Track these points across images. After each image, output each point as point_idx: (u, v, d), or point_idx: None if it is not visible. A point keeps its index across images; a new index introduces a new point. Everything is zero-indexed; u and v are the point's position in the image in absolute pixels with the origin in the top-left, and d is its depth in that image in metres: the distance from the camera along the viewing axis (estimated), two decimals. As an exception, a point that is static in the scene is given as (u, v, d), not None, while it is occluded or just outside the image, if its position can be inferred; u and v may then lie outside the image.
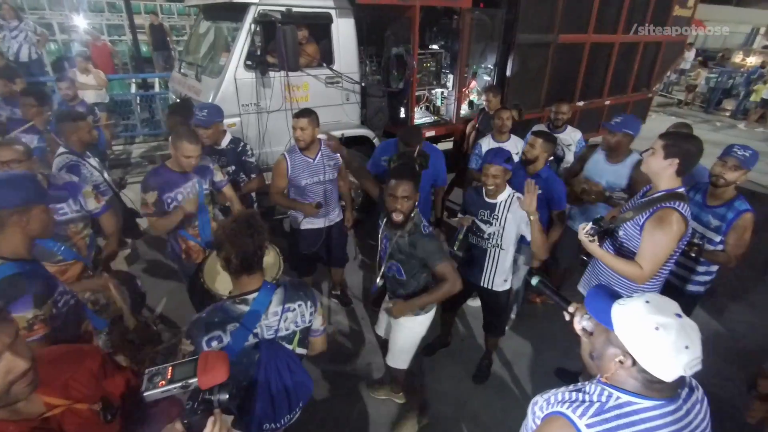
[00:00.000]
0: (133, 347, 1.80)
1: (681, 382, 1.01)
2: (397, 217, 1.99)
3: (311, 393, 1.57)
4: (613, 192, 2.89)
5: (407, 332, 2.25)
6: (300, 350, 1.56)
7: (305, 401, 1.56)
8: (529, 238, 2.39)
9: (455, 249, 2.57)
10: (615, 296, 1.08)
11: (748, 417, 1.92)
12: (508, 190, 2.44)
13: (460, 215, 2.68)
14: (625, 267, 1.95)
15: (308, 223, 3.01)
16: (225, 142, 3.03)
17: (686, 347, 0.90)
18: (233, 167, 3.06)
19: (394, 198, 1.96)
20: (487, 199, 2.47)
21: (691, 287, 2.52)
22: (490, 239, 2.49)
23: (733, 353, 3.19)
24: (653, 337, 0.92)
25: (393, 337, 2.31)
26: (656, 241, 1.87)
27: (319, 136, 2.81)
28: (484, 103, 4.23)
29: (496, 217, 2.43)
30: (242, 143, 3.07)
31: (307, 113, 2.74)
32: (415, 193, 1.97)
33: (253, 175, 3.12)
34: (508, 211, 2.40)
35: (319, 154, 2.87)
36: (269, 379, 1.39)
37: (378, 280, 2.29)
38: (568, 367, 2.97)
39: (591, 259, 2.35)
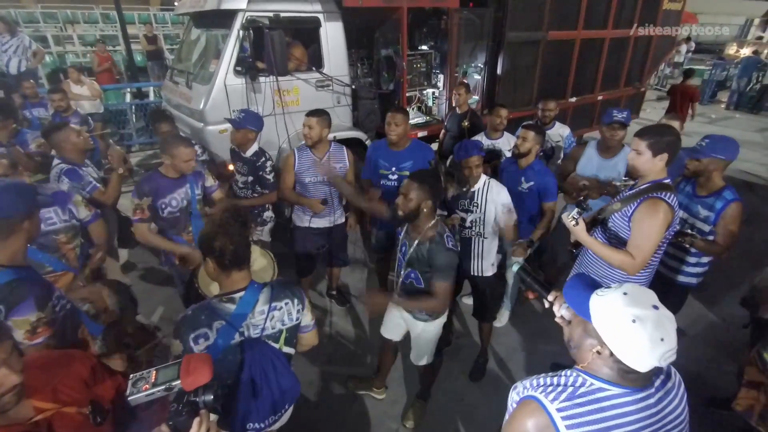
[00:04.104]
0: (128, 350, 1.82)
1: (656, 370, 1.02)
2: (399, 211, 2.04)
3: (298, 394, 1.56)
4: (626, 182, 2.86)
5: (428, 335, 2.34)
6: (287, 349, 1.55)
7: (292, 402, 1.55)
8: (503, 224, 2.53)
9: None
10: (594, 286, 1.07)
11: (735, 405, 1.93)
12: (483, 177, 2.60)
13: (439, 212, 2.72)
14: (617, 256, 1.93)
15: (315, 222, 3.06)
16: (250, 152, 2.99)
17: (662, 339, 0.92)
18: (251, 178, 3.03)
19: (399, 193, 2.05)
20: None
21: (683, 278, 2.53)
22: (473, 227, 2.61)
23: (727, 343, 3.20)
24: (630, 329, 0.93)
25: (417, 342, 2.40)
26: (645, 231, 1.89)
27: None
28: (454, 99, 4.14)
29: (476, 204, 2.57)
30: (263, 158, 2.97)
31: (318, 113, 2.83)
32: (418, 196, 1.98)
33: (266, 191, 3.05)
34: (486, 196, 2.54)
35: (327, 154, 2.93)
36: (253, 378, 1.39)
37: (397, 288, 2.29)
38: (563, 362, 2.97)
39: (579, 250, 2.36)
